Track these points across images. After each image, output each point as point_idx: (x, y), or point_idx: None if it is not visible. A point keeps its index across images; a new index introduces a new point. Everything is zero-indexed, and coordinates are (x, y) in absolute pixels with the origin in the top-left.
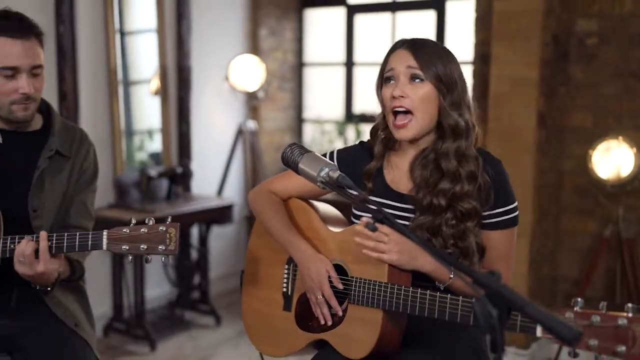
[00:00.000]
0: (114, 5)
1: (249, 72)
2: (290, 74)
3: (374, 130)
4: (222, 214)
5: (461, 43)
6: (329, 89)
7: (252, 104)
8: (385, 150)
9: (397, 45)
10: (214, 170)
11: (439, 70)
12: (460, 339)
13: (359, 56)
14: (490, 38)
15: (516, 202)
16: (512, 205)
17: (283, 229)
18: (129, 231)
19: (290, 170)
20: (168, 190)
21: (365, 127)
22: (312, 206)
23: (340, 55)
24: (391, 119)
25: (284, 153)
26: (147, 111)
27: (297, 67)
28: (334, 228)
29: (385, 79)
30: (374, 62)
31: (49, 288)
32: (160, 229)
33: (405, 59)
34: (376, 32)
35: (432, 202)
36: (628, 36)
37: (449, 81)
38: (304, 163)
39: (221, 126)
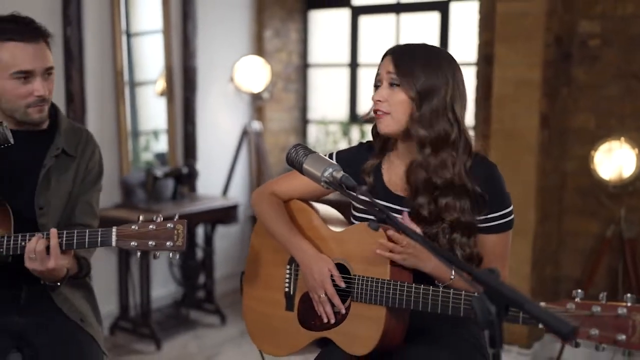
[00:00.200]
0: (120, 6)
1: (254, 73)
2: (295, 75)
3: (375, 129)
4: (227, 214)
5: (465, 44)
6: (334, 90)
7: (257, 104)
8: (385, 148)
9: (386, 53)
10: (219, 170)
11: (415, 79)
12: (462, 336)
13: (363, 57)
14: (494, 39)
15: (511, 206)
16: (507, 209)
17: (284, 229)
18: (137, 228)
19: (294, 171)
20: (174, 191)
21: (370, 128)
22: (313, 207)
23: (345, 57)
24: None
25: (289, 154)
26: (153, 112)
27: (302, 68)
28: (335, 228)
29: (375, 85)
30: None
31: (58, 283)
32: (168, 225)
33: (387, 65)
34: (380, 34)
35: (423, 211)
36: (630, 37)
37: (426, 91)
38: (308, 163)
39: (226, 127)
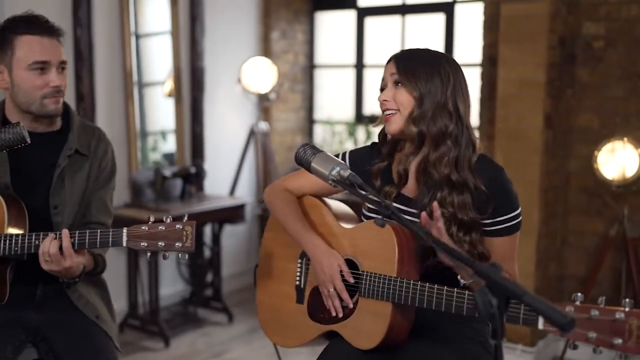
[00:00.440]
0: (129, 8)
1: (261, 74)
2: (301, 76)
3: (382, 133)
4: (235, 213)
5: (470, 45)
6: (340, 91)
7: (264, 105)
8: (392, 151)
9: (389, 59)
10: (226, 170)
11: (416, 78)
12: (466, 333)
13: (369, 58)
14: (498, 41)
15: (519, 209)
16: (515, 212)
17: (297, 224)
18: (147, 229)
19: (304, 169)
20: (182, 190)
21: (375, 129)
22: (325, 203)
23: (351, 58)
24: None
25: (297, 153)
26: (161, 112)
27: (308, 69)
28: (346, 224)
29: (380, 89)
30: (384, 65)
31: (76, 280)
32: (177, 226)
33: (390, 68)
34: (386, 35)
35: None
36: (634, 39)
37: (428, 89)
38: (316, 162)
39: (234, 127)
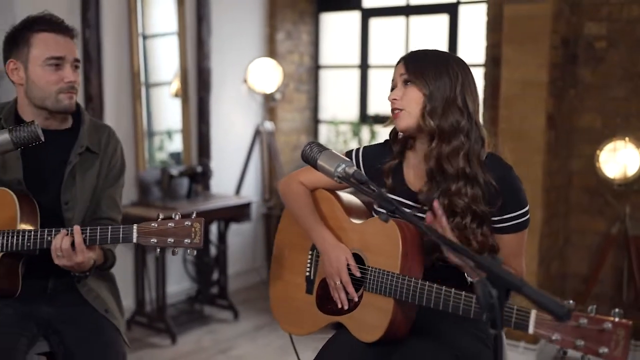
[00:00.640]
0: (137, 9)
1: (267, 75)
2: (306, 76)
3: (393, 132)
4: (240, 212)
5: (473, 46)
6: (344, 91)
7: (270, 105)
8: (403, 149)
9: (398, 60)
10: (232, 169)
11: (426, 76)
12: (466, 329)
13: (373, 59)
14: (501, 41)
15: (527, 207)
16: (523, 210)
17: (308, 217)
18: (157, 225)
19: None
20: (188, 189)
21: (380, 128)
22: (337, 197)
23: (355, 58)
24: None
25: (304, 150)
26: (167, 112)
27: (313, 70)
28: (356, 219)
29: (391, 89)
30: (388, 65)
31: (87, 274)
32: (186, 223)
33: (400, 69)
34: (390, 36)
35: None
36: (636, 39)
37: (437, 86)
38: (322, 160)
39: (239, 127)
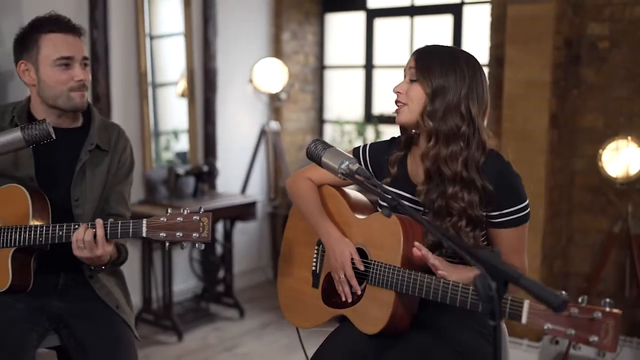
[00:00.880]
0: (144, 10)
1: (272, 75)
2: (311, 77)
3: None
4: (246, 211)
5: (477, 46)
6: (349, 91)
7: (275, 105)
8: (410, 142)
9: (413, 52)
10: (238, 168)
11: (431, 76)
12: (467, 324)
13: (378, 59)
14: (505, 42)
15: (527, 201)
16: (522, 204)
17: (314, 212)
18: (166, 220)
19: None
20: (194, 188)
21: (385, 128)
22: (343, 193)
23: (360, 58)
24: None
25: (309, 148)
26: (173, 112)
27: (318, 70)
28: (360, 215)
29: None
30: (393, 65)
31: (103, 267)
32: (194, 218)
33: (411, 62)
34: (395, 36)
35: (433, 203)
36: (639, 40)
37: (440, 88)
38: (326, 157)
39: (245, 127)
